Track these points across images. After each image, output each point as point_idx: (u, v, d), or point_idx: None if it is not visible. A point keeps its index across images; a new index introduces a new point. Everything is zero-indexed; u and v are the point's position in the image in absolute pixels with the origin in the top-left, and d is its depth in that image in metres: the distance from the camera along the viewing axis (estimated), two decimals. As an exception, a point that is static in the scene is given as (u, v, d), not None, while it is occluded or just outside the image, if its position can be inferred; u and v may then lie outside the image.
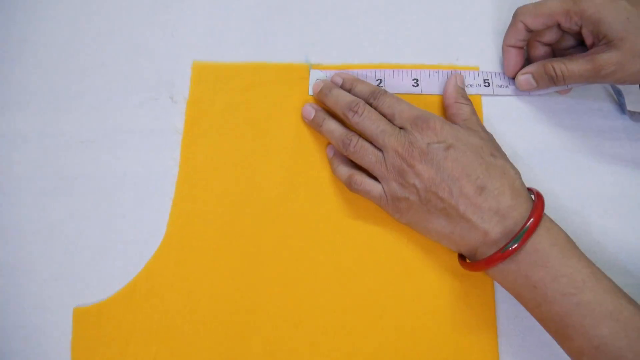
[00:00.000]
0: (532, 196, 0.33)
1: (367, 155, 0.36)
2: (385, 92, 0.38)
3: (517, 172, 0.34)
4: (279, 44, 0.43)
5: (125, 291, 0.37)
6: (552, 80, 0.38)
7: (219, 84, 0.42)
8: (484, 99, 0.41)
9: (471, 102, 0.38)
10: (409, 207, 0.35)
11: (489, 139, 0.36)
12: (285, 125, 0.41)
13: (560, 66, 0.37)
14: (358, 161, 0.37)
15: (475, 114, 0.38)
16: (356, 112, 0.37)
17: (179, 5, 0.45)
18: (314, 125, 0.39)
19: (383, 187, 0.36)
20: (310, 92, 0.41)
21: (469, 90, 0.41)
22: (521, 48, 0.40)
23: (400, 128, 0.36)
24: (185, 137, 0.41)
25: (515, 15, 0.39)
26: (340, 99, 0.38)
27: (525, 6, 0.38)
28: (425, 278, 0.37)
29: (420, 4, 0.45)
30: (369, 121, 0.36)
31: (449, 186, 0.33)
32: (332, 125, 0.38)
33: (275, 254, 0.38)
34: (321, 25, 0.44)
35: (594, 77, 0.36)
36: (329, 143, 0.40)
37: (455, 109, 0.38)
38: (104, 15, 0.44)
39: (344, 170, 0.37)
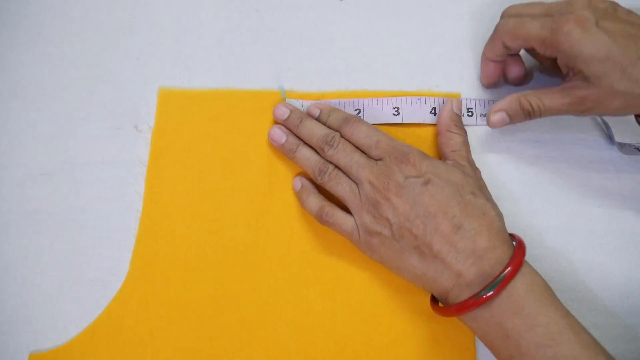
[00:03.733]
0: (514, 242, 0.32)
1: (342, 184, 0.35)
2: (361, 119, 0.37)
3: (499, 214, 0.33)
4: (251, 70, 0.41)
5: (85, 335, 0.35)
6: (528, 115, 0.36)
7: (187, 112, 0.40)
8: (467, 129, 0.39)
9: (465, 132, 0.37)
10: (382, 243, 0.33)
11: (473, 176, 0.34)
12: (256, 156, 0.39)
13: (536, 101, 0.35)
14: (332, 190, 0.35)
15: (466, 144, 0.37)
16: (332, 146, 0.36)
17: (144, 28, 0.42)
18: (284, 151, 0.38)
19: (355, 221, 0.34)
20: (276, 116, 0.38)
21: None
22: (499, 62, 0.39)
23: (377, 159, 0.34)
24: (150, 170, 0.39)
25: (496, 31, 0.37)
26: (315, 132, 0.37)
27: (505, 24, 0.36)
28: (401, 321, 0.35)
29: (399, 29, 0.43)
30: (343, 153, 0.35)
31: (423, 223, 0.32)
32: (307, 152, 0.37)
33: (243, 297, 0.36)
34: (296, 50, 0.42)
35: (571, 111, 0.35)
36: (298, 174, 0.38)
37: (446, 138, 0.37)
38: (63, 38, 0.42)
39: (315, 202, 0.36)
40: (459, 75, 0.41)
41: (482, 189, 0.34)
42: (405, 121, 0.39)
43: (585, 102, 0.34)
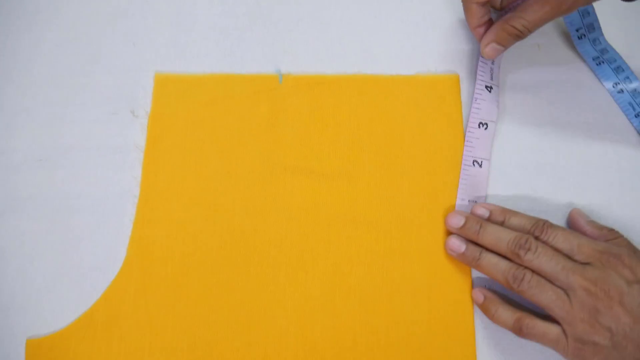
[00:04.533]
0: None
1: (546, 291, 0.31)
2: (552, 224, 0.34)
3: None
4: (247, 54, 0.41)
5: (82, 321, 0.35)
6: (517, 37, 0.37)
7: (183, 97, 0.40)
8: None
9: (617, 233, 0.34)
10: (596, 352, 0.30)
11: None
12: (254, 140, 0.38)
13: (519, 21, 0.36)
14: (533, 298, 0.32)
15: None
16: (529, 250, 0.32)
17: (140, 13, 0.42)
18: (466, 261, 0.35)
19: (563, 329, 0.31)
20: (451, 225, 0.36)
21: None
22: (488, 22, 0.38)
23: (584, 263, 0.32)
24: (147, 154, 0.38)
25: (464, 1, 0.38)
26: (502, 236, 0.33)
27: None
28: (400, 305, 0.35)
29: (396, 11, 0.42)
30: (546, 257, 0.32)
31: None
32: (493, 258, 0.33)
33: (241, 282, 0.36)
34: (292, 33, 0.42)
35: (557, 14, 0.35)
36: (476, 287, 0.35)
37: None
38: (59, 23, 0.42)
39: (508, 314, 0.33)
40: (457, 55, 0.41)
41: None
42: None
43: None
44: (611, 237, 0.34)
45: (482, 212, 0.36)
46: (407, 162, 0.38)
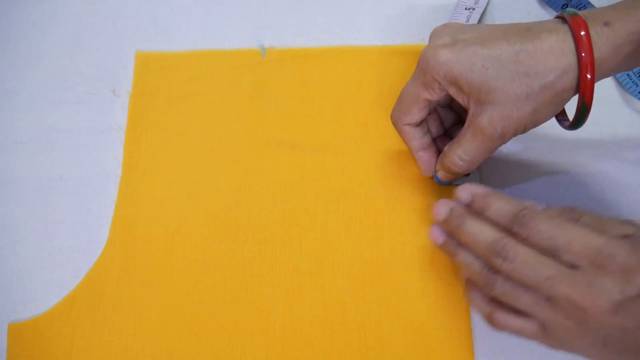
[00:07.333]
0: None
1: (522, 297, 0.27)
2: (537, 213, 0.27)
3: None
4: (229, 29, 0.40)
5: (65, 303, 0.34)
6: (461, 171, 0.32)
7: (165, 75, 0.39)
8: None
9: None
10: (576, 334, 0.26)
11: None
12: (237, 116, 0.38)
13: (451, 159, 0.31)
14: (510, 303, 0.28)
15: None
16: (505, 258, 0.27)
17: (119, -8, 0.41)
18: (444, 252, 0.31)
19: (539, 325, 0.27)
20: (435, 216, 0.31)
21: None
22: (430, 144, 0.33)
23: (571, 266, 0.26)
24: (128, 134, 0.38)
25: (395, 124, 0.33)
26: (479, 238, 0.28)
27: (393, 110, 0.32)
28: (390, 279, 0.34)
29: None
30: (525, 267, 0.26)
31: None
32: (468, 257, 0.29)
33: (227, 259, 0.35)
34: (274, 6, 0.41)
35: (492, 146, 0.29)
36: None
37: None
38: (38, 4, 0.41)
39: (483, 304, 0.29)
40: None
41: None
42: None
43: (494, 127, 0.28)
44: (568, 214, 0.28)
45: (465, 196, 0.31)
46: (394, 133, 0.37)
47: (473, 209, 0.30)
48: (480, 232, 0.29)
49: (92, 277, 0.35)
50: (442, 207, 0.31)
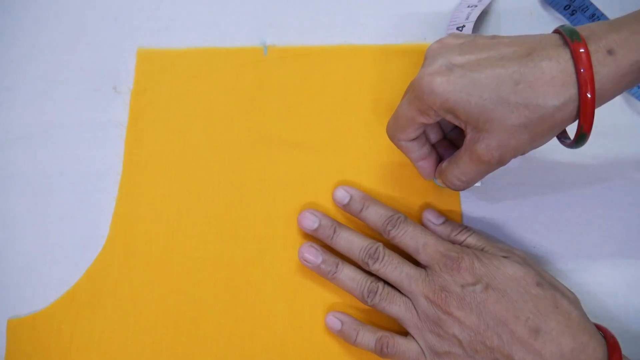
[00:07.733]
0: (600, 332, 0.29)
1: (396, 303, 0.31)
2: (406, 219, 0.33)
3: (573, 300, 0.29)
4: (231, 26, 0.40)
5: (64, 300, 0.34)
6: (461, 189, 0.31)
7: (166, 72, 0.39)
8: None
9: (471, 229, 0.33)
10: None
11: (530, 262, 0.31)
12: (238, 114, 0.38)
13: (449, 179, 0.31)
14: (384, 311, 0.31)
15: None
16: (377, 259, 0.32)
17: (121, -12, 0.41)
18: (321, 273, 0.33)
19: (419, 344, 0.31)
20: (303, 227, 0.34)
21: None
22: (430, 154, 0.33)
23: (425, 266, 0.31)
24: (129, 131, 0.37)
25: (391, 139, 0.32)
26: (355, 244, 0.33)
27: (388, 126, 0.32)
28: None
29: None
30: (391, 266, 0.31)
31: (497, 333, 0.28)
32: (350, 272, 0.32)
33: (227, 257, 0.35)
34: (277, 4, 0.40)
35: (490, 170, 0.29)
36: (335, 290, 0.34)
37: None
38: (39, 1, 0.41)
39: (369, 337, 0.32)
40: (445, 24, 0.39)
41: (542, 274, 0.30)
42: None
43: (492, 154, 0.28)
44: (461, 237, 0.32)
45: (342, 196, 0.34)
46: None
47: (350, 209, 0.34)
48: (356, 238, 0.33)
49: (92, 274, 0.35)
50: (311, 216, 0.34)
